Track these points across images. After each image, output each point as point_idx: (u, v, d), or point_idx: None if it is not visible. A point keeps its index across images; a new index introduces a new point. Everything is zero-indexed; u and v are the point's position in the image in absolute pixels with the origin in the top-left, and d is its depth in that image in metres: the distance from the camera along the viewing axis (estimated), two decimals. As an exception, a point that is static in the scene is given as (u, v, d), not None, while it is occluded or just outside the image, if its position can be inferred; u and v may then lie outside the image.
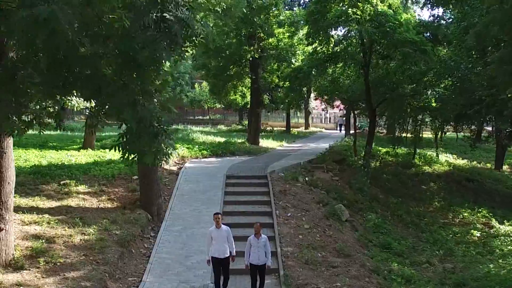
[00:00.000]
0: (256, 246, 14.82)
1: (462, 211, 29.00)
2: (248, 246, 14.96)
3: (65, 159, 27.98)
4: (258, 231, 14.94)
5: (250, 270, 15.02)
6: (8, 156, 15.35)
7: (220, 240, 14.88)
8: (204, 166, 29.58)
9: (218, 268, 14.97)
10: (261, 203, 22.92)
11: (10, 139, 15.40)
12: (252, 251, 14.85)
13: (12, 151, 15.61)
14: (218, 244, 14.85)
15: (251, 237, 15.01)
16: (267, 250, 14.97)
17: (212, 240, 14.94)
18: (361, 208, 25.75)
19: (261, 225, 15.45)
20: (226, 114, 79.96)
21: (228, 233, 15.09)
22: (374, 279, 17.15)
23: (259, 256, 14.80)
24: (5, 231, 15.36)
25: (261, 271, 15.00)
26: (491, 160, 46.72)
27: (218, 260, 14.88)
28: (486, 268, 19.53)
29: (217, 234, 14.93)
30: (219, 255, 14.84)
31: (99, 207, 21.24)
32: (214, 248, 14.87)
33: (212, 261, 14.99)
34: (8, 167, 15.38)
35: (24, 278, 14.77)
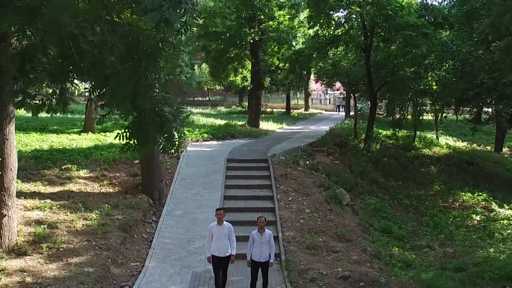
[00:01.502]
0: (259, 242, 13.78)
1: (462, 194, 29.06)
2: (251, 241, 13.90)
3: (66, 143, 27.96)
4: (262, 226, 13.89)
5: (251, 267, 13.99)
6: (10, 143, 15.35)
7: (222, 237, 13.81)
8: (205, 149, 29.62)
9: (218, 267, 13.91)
10: (262, 187, 22.96)
11: (12, 125, 15.40)
12: (254, 247, 13.82)
13: (14, 137, 15.60)
14: (219, 242, 13.80)
15: (254, 232, 13.98)
16: (271, 247, 13.94)
17: (212, 237, 13.90)
18: (362, 192, 25.83)
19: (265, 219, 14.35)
20: (226, 95, 79.75)
21: (230, 230, 14.00)
22: (375, 264, 17.23)
23: (262, 252, 13.75)
24: (8, 217, 15.41)
25: (263, 269, 13.97)
26: (491, 143, 46.83)
27: (218, 258, 13.83)
28: (486, 253, 19.69)
29: (219, 231, 13.86)
30: (220, 253, 13.79)
31: (101, 192, 21.29)
32: (214, 246, 13.81)
33: (212, 260, 13.95)
34: (10, 154, 15.39)
35: (27, 264, 14.86)
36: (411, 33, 27.60)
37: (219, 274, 13.87)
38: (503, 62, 19.10)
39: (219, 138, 33.92)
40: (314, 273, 15.30)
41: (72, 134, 31.59)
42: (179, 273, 15.75)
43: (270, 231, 14.22)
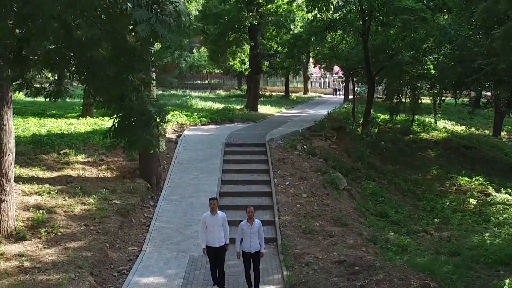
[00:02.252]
0: (249, 232, 13.41)
1: (459, 179, 29.16)
2: (240, 232, 13.53)
3: (65, 128, 27.99)
4: (251, 216, 13.50)
5: (243, 258, 13.64)
6: (8, 129, 15.44)
7: (216, 227, 13.50)
8: (203, 133, 29.69)
9: (214, 258, 13.69)
10: (259, 172, 23.07)
11: (10, 111, 15.48)
12: (244, 238, 13.47)
13: (12, 123, 15.68)
14: (213, 232, 13.49)
15: (243, 223, 13.61)
16: (261, 236, 13.59)
17: (206, 227, 13.58)
18: (359, 176, 25.97)
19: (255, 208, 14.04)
20: (225, 79, 79.69)
21: (224, 220, 13.71)
22: (371, 248, 17.37)
23: (252, 243, 13.44)
24: (7, 202, 15.53)
25: (254, 260, 13.63)
26: (489, 127, 46.91)
27: (213, 249, 13.55)
28: (481, 237, 19.76)
29: (212, 221, 13.53)
30: (214, 243, 13.50)
31: (99, 177, 21.39)
32: (209, 237, 13.52)
33: (207, 250, 13.68)
34: (8, 140, 15.49)
35: (26, 248, 14.99)
36: (409, 18, 27.58)
37: (215, 263, 13.66)
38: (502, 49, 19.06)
39: (217, 122, 34.05)
40: (310, 258, 15.41)
41: (71, 119, 31.61)
42: (176, 257, 15.91)
43: (259, 220, 13.91)
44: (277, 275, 14.89)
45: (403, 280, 13.64)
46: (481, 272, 16.43)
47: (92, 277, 14.05)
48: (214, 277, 13.77)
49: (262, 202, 20.21)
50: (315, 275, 14.27)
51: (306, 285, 13.76)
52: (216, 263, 13.69)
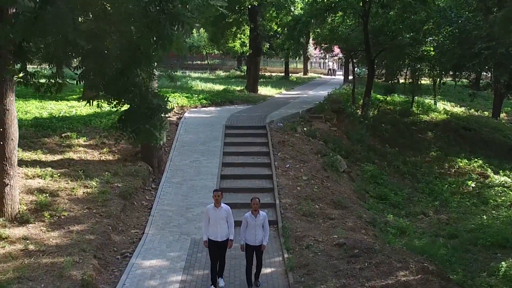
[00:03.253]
0: (254, 225, 12.98)
1: (458, 161, 29.30)
2: (244, 224, 13.09)
3: (66, 111, 28.11)
4: (256, 208, 13.06)
5: (246, 251, 13.19)
6: (11, 113, 15.55)
7: (219, 221, 12.96)
8: (203, 116, 29.79)
9: (215, 252, 13.11)
10: (260, 154, 23.24)
11: (12, 96, 15.58)
12: (248, 231, 13.04)
13: (14, 108, 15.79)
14: (216, 225, 12.94)
15: (248, 215, 13.15)
16: (266, 230, 13.20)
17: (209, 220, 13.04)
18: (359, 158, 26.14)
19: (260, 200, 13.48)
20: (225, 59, 79.54)
21: (228, 213, 13.11)
22: (370, 231, 17.60)
23: (256, 235, 13.02)
24: (10, 186, 15.69)
25: (258, 253, 13.24)
26: (488, 108, 46.90)
27: (215, 243, 13.01)
28: (480, 220, 19.99)
29: (215, 214, 12.97)
30: (216, 237, 12.95)
31: (101, 160, 21.55)
32: (211, 230, 12.97)
33: (208, 244, 13.10)
34: (11, 124, 15.61)
35: (30, 232, 15.20)
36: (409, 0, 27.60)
37: (216, 259, 13.16)
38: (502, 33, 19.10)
39: (218, 104, 34.12)
40: (310, 240, 15.62)
41: (72, 101, 31.68)
42: (178, 240, 16.12)
43: (265, 212, 13.66)
44: (277, 257, 15.10)
45: (402, 262, 13.85)
46: (478, 255, 16.74)
47: (96, 260, 14.27)
48: (214, 278, 13.23)
49: (263, 184, 20.39)
50: (316, 257, 14.48)
51: (307, 267, 13.97)
52: (217, 259, 13.19)
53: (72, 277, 12.86)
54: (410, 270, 13.43)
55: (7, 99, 15.42)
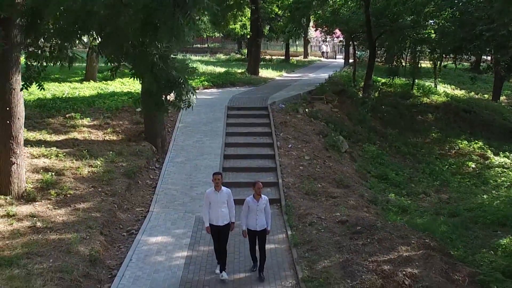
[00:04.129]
0: (255, 209, 12.57)
1: (458, 142, 29.51)
2: (246, 209, 12.66)
3: (69, 92, 28.27)
4: (259, 192, 12.62)
5: (248, 236, 12.83)
6: (17, 93, 15.71)
7: (220, 204, 12.53)
8: (205, 97, 29.93)
9: (217, 237, 12.71)
10: (262, 135, 23.42)
11: (19, 75, 15.72)
12: (250, 215, 12.65)
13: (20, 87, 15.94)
14: (217, 210, 12.53)
15: (249, 199, 12.71)
16: (268, 214, 12.80)
17: (210, 204, 12.62)
18: (360, 139, 26.33)
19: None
20: (225, 42, 79.41)
21: (229, 196, 12.70)
22: (372, 209, 17.83)
23: (258, 220, 12.61)
24: (17, 165, 15.91)
25: (260, 238, 12.83)
26: (488, 91, 47.05)
27: (217, 228, 12.60)
28: (480, 199, 20.21)
29: (216, 197, 12.53)
30: (217, 221, 12.55)
31: (105, 140, 21.73)
32: (212, 214, 12.57)
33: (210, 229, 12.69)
34: (18, 103, 15.78)
35: (37, 209, 15.41)
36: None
37: (219, 244, 12.73)
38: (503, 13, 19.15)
39: (219, 86, 34.28)
40: (313, 218, 15.86)
41: (74, 83, 31.82)
42: (183, 218, 16.33)
43: (266, 196, 13.12)
44: (281, 234, 15.32)
45: (403, 239, 14.09)
46: (479, 232, 16.94)
47: (102, 237, 14.53)
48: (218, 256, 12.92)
49: (265, 164, 20.59)
50: (319, 234, 14.73)
51: (310, 243, 14.21)
52: (220, 242, 12.73)
53: (80, 252, 13.09)
54: (412, 246, 13.67)
55: (13, 79, 15.58)
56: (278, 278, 12.65)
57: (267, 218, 12.77)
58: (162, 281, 12.41)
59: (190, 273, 12.86)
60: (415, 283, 11.80)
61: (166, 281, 12.44)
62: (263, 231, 12.74)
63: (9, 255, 12.55)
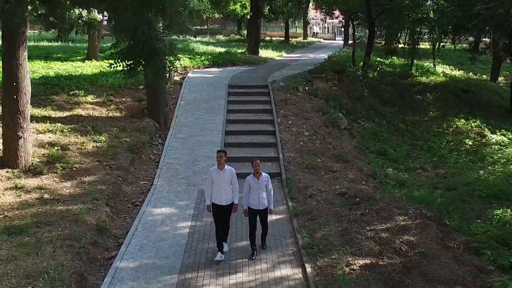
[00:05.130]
0: (256, 187, 12.37)
1: (456, 121, 29.83)
2: (247, 188, 12.47)
3: (72, 70, 28.61)
4: (257, 170, 12.44)
5: (249, 215, 12.62)
6: (24, 68, 16.05)
7: (223, 184, 12.23)
8: (206, 76, 30.28)
9: (219, 217, 12.43)
10: (263, 112, 23.80)
11: (25, 51, 16.05)
12: (251, 194, 12.44)
13: (27, 63, 16.28)
14: (219, 189, 12.23)
15: (249, 177, 12.54)
16: (270, 192, 12.62)
17: (212, 183, 12.32)
18: (359, 116, 26.67)
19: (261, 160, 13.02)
20: (225, 23, 79.46)
21: (232, 175, 12.39)
22: (370, 182, 18.26)
23: (260, 199, 12.42)
24: (24, 139, 16.28)
25: (262, 217, 12.71)
26: (487, 72, 47.28)
27: (219, 207, 12.33)
28: (476, 174, 20.57)
29: (219, 176, 12.23)
30: (220, 201, 12.27)
31: (108, 116, 22.11)
32: (215, 194, 12.27)
33: (212, 208, 12.46)
34: (24, 79, 16.12)
35: (44, 182, 15.81)
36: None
37: (220, 224, 12.49)
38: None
39: (220, 65, 34.59)
40: (313, 190, 16.29)
41: (76, 62, 32.14)
42: (186, 191, 16.75)
43: (267, 174, 12.88)
44: (282, 206, 15.72)
45: (401, 209, 14.51)
46: (475, 205, 17.33)
47: (108, 208, 14.94)
48: (219, 242, 12.47)
49: (266, 140, 20.99)
50: (318, 205, 15.15)
51: (310, 214, 14.64)
52: (221, 222, 12.48)
53: (87, 222, 13.51)
54: (409, 216, 14.09)
55: (19, 55, 15.91)
56: (280, 246, 13.07)
57: (269, 196, 12.59)
58: (167, 249, 12.84)
59: (194, 241, 13.28)
60: (412, 249, 12.24)
61: (171, 248, 12.87)
62: (265, 210, 12.61)
63: (19, 224, 12.96)
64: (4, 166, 16.30)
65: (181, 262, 12.17)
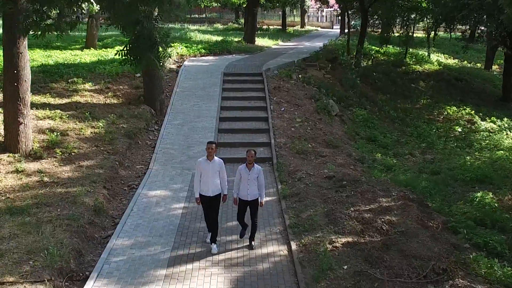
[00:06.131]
0: (247, 178, 12.27)
1: (447, 108, 30.37)
2: (238, 177, 12.39)
3: (70, 59, 29.23)
4: (251, 161, 12.31)
5: (238, 206, 12.58)
6: (24, 57, 16.68)
7: (211, 175, 12.18)
8: (202, 64, 30.90)
9: (208, 208, 12.38)
10: (256, 99, 24.46)
11: (25, 40, 16.66)
12: (241, 184, 12.36)
13: (27, 52, 16.91)
14: (208, 180, 12.18)
15: (242, 167, 12.44)
16: (261, 185, 12.46)
17: (201, 174, 12.29)
18: (351, 104, 27.31)
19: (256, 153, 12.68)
20: (223, 12, 79.81)
21: (221, 166, 12.34)
22: (359, 167, 18.88)
23: (249, 190, 12.30)
24: (24, 125, 16.93)
25: (252, 209, 12.53)
26: (481, 60, 47.78)
27: (207, 198, 12.27)
28: (463, 160, 21.16)
29: (208, 167, 12.17)
30: (207, 192, 12.20)
31: (106, 103, 22.77)
32: (203, 184, 12.23)
33: (200, 200, 12.41)
34: (24, 67, 16.75)
35: (44, 166, 16.49)
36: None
37: (210, 215, 12.45)
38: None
39: (216, 54, 35.18)
40: (302, 174, 16.96)
41: (75, 50, 32.74)
42: (181, 174, 17.41)
43: (260, 166, 12.78)
44: (272, 188, 16.40)
45: (385, 192, 15.22)
46: (458, 188, 18.00)
47: (106, 190, 15.65)
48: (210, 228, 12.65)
49: (259, 126, 21.66)
50: (306, 188, 15.82)
51: (298, 196, 15.31)
52: (210, 213, 12.45)
53: (85, 203, 14.20)
54: (392, 197, 14.81)
55: (19, 43, 16.54)
56: (268, 225, 13.77)
57: (260, 189, 12.47)
58: (161, 228, 13.53)
59: (187, 221, 13.96)
60: (392, 228, 12.94)
61: (164, 227, 13.56)
62: (255, 201, 12.46)
63: (20, 205, 13.65)
64: (5, 150, 16.95)
65: (174, 240, 12.87)
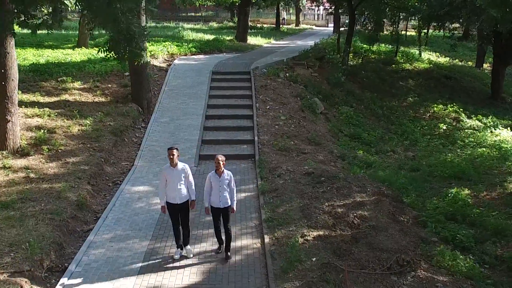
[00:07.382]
0: (218, 185, 11.83)
1: (434, 106, 30.79)
2: (208, 185, 11.94)
3: (61, 58, 29.68)
4: (219, 167, 11.80)
5: (212, 214, 12.13)
6: (11, 56, 17.13)
7: (176, 181, 11.85)
8: (192, 63, 31.34)
9: (175, 217, 12.15)
10: (243, 97, 24.88)
11: (12, 40, 17.11)
12: (213, 191, 11.92)
13: (14, 51, 17.34)
14: (174, 187, 11.86)
15: (211, 174, 11.95)
16: (231, 191, 12.06)
17: (166, 182, 11.97)
18: (337, 102, 27.75)
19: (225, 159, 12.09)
20: (218, 11, 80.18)
21: (185, 172, 11.96)
22: (339, 163, 19.36)
23: (221, 197, 11.89)
24: (12, 123, 17.37)
25: (224, 216, 12.13)
26: (473, 58, 48.15)
27: (174, 206, 12.03)
28: (444, 157, 21.59)
29: (172, 174, 11.86)
30: (175, 199, 11.92)
31: (94, 101, 23.22)
32: (168, 192, 11.95)
33: (167, 208, 12.17)
34: (12, 66, 17.19)
35: (30, 163, 16.93)
36: None
37: (177, 223, 12.22)
38: None
39: (207, 52, 35.58)
40: (282, 170, 17.40)
41: (67, 49, 33.18)
42: (164, 171, 17.87)
43: (230, 172, 12.29)
44: (252, 185, 16.87)
45: (361, 187, 15.67)
46: (435, 184, 18.44)
47: (90, 186, 16.11)
48: (178, 239, 12.33)
49: (244, 123, 22.08)
50: (285, 183, 16.27)
51: (276, 191, 15.77)
52: (179, 222, 12.20)
53: (68, 198, 14.66)
54: (367, 193, 15.26)
55: (7, 43, 16.99)
56: (244, 220, 14.24)
57: (231, 195, 12.09)
58: (141, 222, 14.01)
59: (166, 216, 14.26)
60: (364, 222, 13.40)
61: (144, 222, 14.04)
62: (227, 208, 12.07)
63: (5, 200, 14.10)
64: (-7, 148, 17.39)
65: (152, 233, 13.37)
